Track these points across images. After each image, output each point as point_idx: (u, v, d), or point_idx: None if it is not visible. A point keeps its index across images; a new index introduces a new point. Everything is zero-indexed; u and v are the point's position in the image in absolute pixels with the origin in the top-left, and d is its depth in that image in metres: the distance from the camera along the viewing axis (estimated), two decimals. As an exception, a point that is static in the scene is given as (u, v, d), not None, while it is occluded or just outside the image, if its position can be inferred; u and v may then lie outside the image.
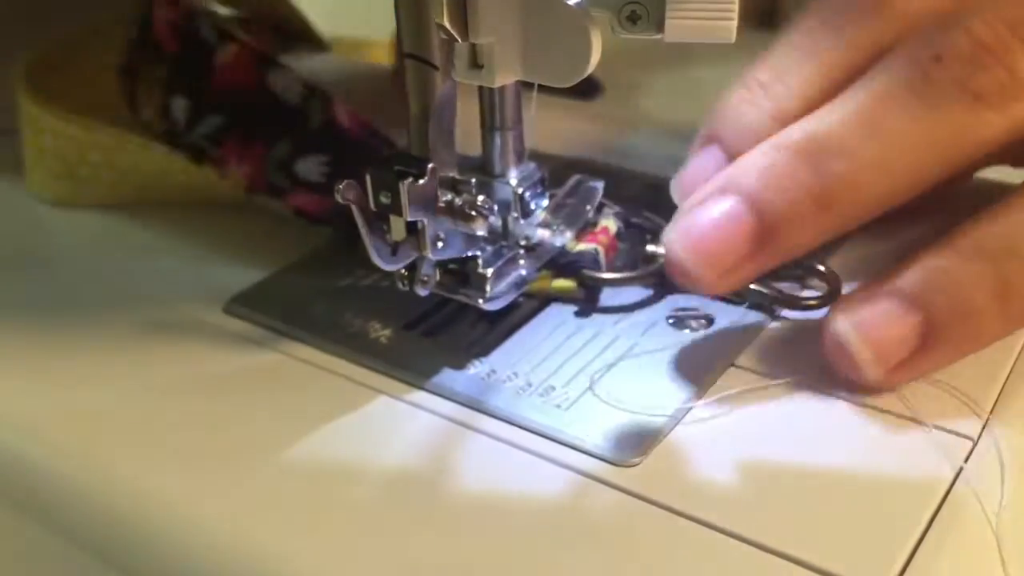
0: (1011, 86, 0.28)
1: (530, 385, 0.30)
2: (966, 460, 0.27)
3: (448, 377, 0.31)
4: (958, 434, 0.27)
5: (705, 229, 0.30)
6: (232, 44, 0.38)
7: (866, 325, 0.29)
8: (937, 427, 0.28)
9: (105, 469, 0.29)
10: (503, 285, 0.32)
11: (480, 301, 0.31)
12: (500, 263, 0.32)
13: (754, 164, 0.30)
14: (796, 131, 0.30)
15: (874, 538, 0.25)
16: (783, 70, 0.32)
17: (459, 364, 0.31)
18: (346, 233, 0.34)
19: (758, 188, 0.29)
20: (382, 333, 0.33)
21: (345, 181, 0.28)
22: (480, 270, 0.31)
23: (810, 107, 0.30)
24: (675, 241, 0.30)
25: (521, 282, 0.32)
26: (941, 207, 0.32)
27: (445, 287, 0.32)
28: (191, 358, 0.32)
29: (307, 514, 0.26)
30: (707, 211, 0.30)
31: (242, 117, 0.38)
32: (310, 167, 0.37)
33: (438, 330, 0.32)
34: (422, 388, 0.30)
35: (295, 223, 0.37)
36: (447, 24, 0.24)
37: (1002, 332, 0.29)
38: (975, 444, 0.27)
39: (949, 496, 0.26)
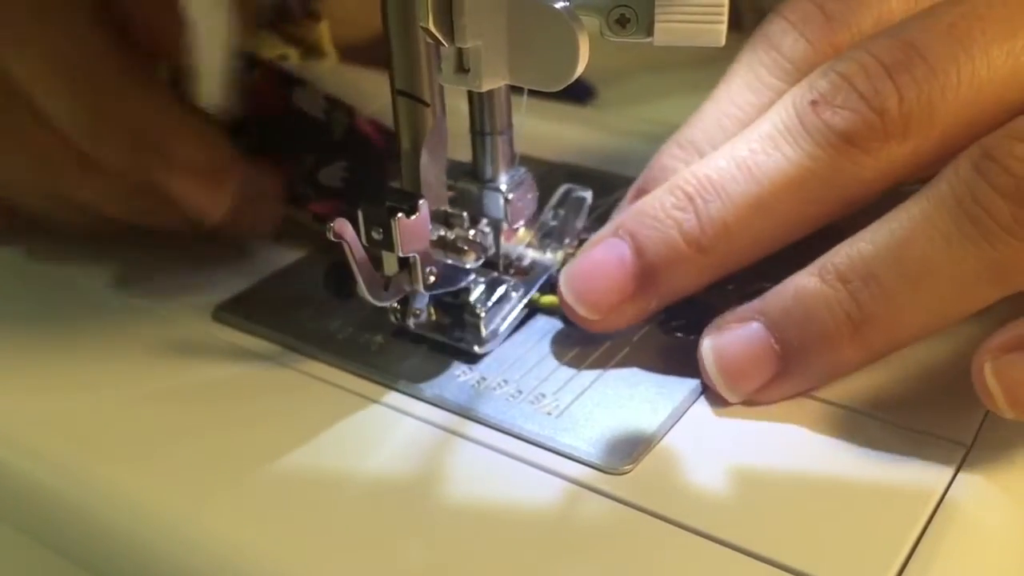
0: (882, 129, 0.28)
1: (520, 392, 0.30)
2: (959, 467, 0.26)
3: (438, 384, 0.30)
4: (952, 440, 0.27)
5: (590, 269, 0.31)
6: (257, 67, 0.39)
7: (724, 349, 0.29)
8: (930, 434, 0.27)
9: (94, 479, 0.29)
10: (496, 324, 0.32)
11: (476, 348, 0.31)
12: (492, 302, 0.32)
13: (642, 205, 0.31)
14: (687, 173, 0.30)
15: (867, 546, 0.24)
16: (711, 136, 0.32)
17: (449, 371, 0.31)
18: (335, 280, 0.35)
19: (639, 228, 0.30)
20: (372, 340, 0.32)
21: (337, 219, 0.28)
22: (473, 313, 0.32)
23: None
24: (563, 281, 0.31)
25: (514, 321, 0.32)
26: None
27: (441, 330, 0.32)
28: (179, 366, 0.32)
29: (297, 522, 0.26)
30: (595, 251, 0.31)
31: (271, 138, 0.39)
32: (332, 173, 0.37)
33: (428, 337, 0.32)
34: (412, 395, 0.30)
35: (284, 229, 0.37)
36: (432, 28, 0.24)
37: (858, 359, 0.28)
38: (968, 450, 0.27)
39: (943, 503, 0.26)
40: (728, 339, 0.29)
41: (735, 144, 0.30)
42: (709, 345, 0.29)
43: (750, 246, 0.30)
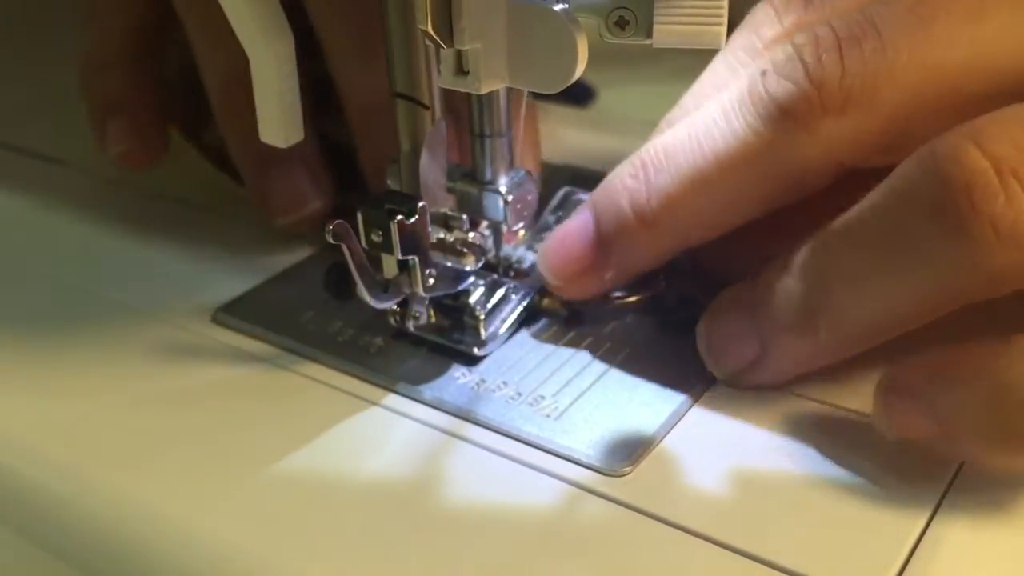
0: (819, 103, 0.26)
1: (520, 394, 0.30)
2: (956, 472, 0.26)
3: (438, 386, 0.30)
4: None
5: (560, 237, 0.31)
6: None
7: (715, 334, 0.29)
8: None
9: (93, 481, 0.29)
10: (495, 327, 0.32)
11: (476, 349, 0.31)
12: (491, 304, 0.32)
13: (610, 175, 0.31)
14: (650, 144, 0.30)
15: (867, 549, 0.24)
16: (683, 113, 0.32)
17: (449, 373, 0.31)
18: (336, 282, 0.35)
19: (599, 199, 0.31)
20: (372, 342, 0.32)
21: (336, 221, 0.28)
22: (473, 315, 0.32)
23: None
24: (540, 248, 0.32)
25: (514, 323, 0.32)
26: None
27: (441, 332, 0.32)
28: (179, 368, 0.32)
29: (297, 524, 0.26)
30: (568, 221, 0.31)
31: None
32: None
33: (427, 339, 0.32)
34: (411, 397, 0.30)
35: (284, 232, 0.37)
36: (431, 31, 0.24)
37: (816, 357, 0.28)
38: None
39: (942, 504, 0.25)
40: (715, 321, 0.30)
41: (695, 115, 0.29)
42: (702, 327, 0.30)
43: (696, 221, 0.29)
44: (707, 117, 0.29)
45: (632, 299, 0.32)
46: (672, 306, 0.32)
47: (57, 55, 0.48)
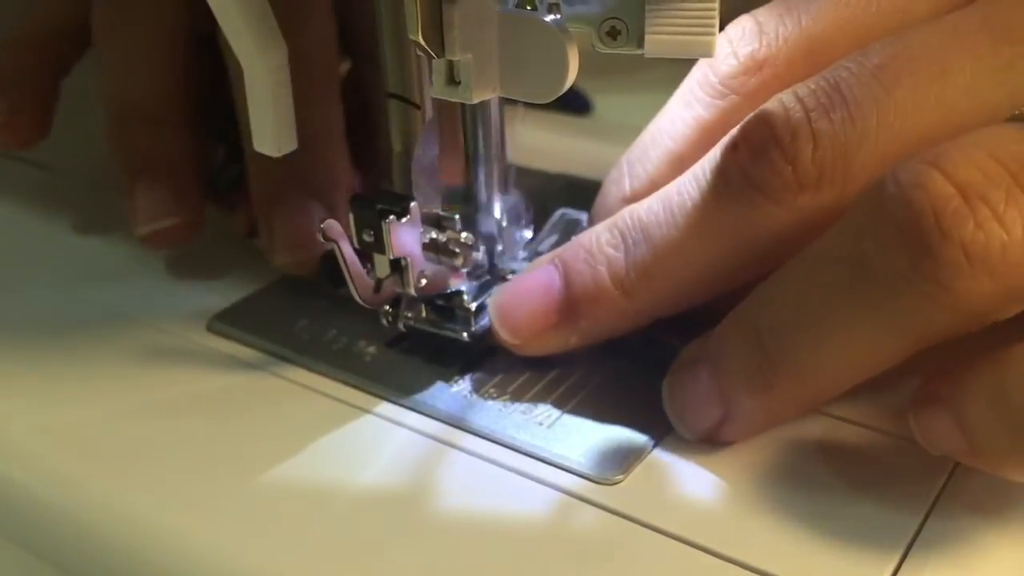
0: (793, 180, 0.26)
1: (512, 403, 0.30)
2: (950, 475, 0.27)
3: (431, 395, 0.30)
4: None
5: (518, 292, 0.30)
6: None
7: (678, 396, 0.28)
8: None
9: (87, 489, 0.29)
10: (485, 319, 0.32)
11: (465, 335, 0.31)
12: (485, 297, 0.32)
13: (581, 237, 0.30)
14: (626, 212, 0.29)
15: (859, 556, 0.24)
16: (642, 154, 0.32)
17: (442, 382, 0.31)
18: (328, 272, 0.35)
19: (573, 260, 0.30)
20: (365, 351, 0.32)
21: (327, 220, 0.28)
22: (464, 305, 0.32)
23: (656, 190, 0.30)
24: (492, 301, 0.31)
25: None
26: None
27: (430, 322, 0.32)
28: (174, 377, 0.32)
29: (290, 533, 0.26)
30: (528, 276, 0.30)
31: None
32: None
33: (421, 348, 0.32)
34: (405, 406, 0.30)
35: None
36: (421, 41, 0.24)
37: (781, 411, 0.28)
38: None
39: (934, 510, 0.26)
40: (678, 378, 0.29)
41: (671, 185, 0.29)
42: (666, 386, 0.29)
43: (673, 294, 0.29)
44: (680, 188, 0.28)
45: None
46: (639, 348, 0.31)
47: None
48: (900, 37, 0.27)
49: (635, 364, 0.31)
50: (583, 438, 0.28)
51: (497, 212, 0.32)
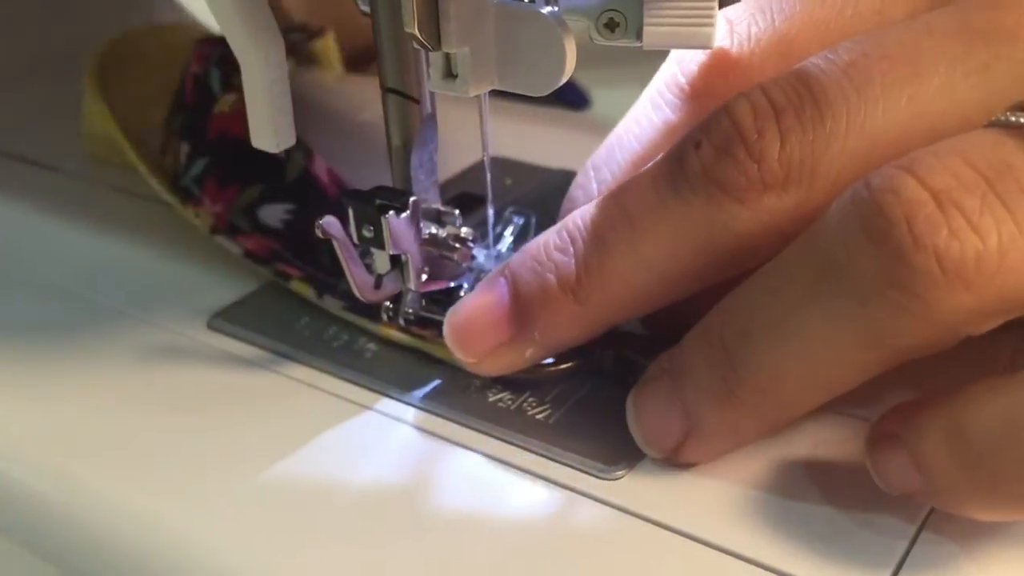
0: (758, 179, 0.25)
1: (514, 398, 0.30)
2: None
3: (432, 391, 0.30)
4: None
5: (470, 308, 0.29)
6: (232, 93, 0.38)
7: (641, 410, 0.27)
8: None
9: (87, 487, 0.29)
10: None
11: None
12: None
13: (529, 245, 0.29)
14: (576, 214, 0.28)
15: (861, 552, 0.24)
16: (609, 157, 0.31)
17: (443, 378, 0.31)
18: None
19: (520, 270, 0.28)
20: (367, 347, 0.32)
21: (325, 217, 0.28)
22: (460, 294, 0.31)
23: None
24: (446, 321, 0.29)
25: None
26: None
27: (429, 316, 0.32)
28: (175, 373, 0.32)
29: (292, 530, 0.26)
30: (478, 291, 0.29)
31: (224, 161, 0.38)
32: (273, 213, 0.37)
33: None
34: (405, 402, 0.30)
35: None
36: (417, 34, 0.24)
37: (746, 429, 0.26)
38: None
39: (935, 510, 0.25)
40: (644, 395, 0.27)
41: (626, 183, 0.27)
42: (631, 402, 0.28)
43: (629, 298, 0.27)
44: (636, 187, 0.27)
45: (564, 366, 0.30)
46: (608, 369, 0.30)
47: (56, 63, 0.48)
48: (873, 36, 0.26)
49: (639, 360, 0.31)
50: (585, 434, 0.28)
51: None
